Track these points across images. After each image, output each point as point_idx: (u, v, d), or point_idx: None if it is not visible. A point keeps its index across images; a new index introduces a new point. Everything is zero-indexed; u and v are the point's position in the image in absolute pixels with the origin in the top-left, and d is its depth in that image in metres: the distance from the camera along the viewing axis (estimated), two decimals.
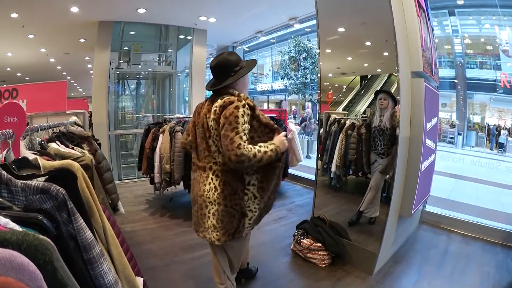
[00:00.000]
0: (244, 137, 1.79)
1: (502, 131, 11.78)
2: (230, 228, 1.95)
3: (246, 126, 1.84)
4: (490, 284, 2.90)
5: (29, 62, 9.87)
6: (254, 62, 2.11)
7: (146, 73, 7.95)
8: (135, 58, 7.34)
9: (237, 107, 1.82)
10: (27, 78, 12.06)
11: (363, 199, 3.18)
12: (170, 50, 7.84)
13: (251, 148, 1.78)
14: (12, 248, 0.71)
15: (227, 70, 1.98)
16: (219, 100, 1.91)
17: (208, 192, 1.95)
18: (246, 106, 1.87)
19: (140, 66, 7.54)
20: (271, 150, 1.86)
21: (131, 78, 7.97)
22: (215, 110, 1.88)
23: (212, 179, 1.96)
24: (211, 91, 2.10)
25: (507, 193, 6.22)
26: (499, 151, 11.52)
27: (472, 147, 12.07)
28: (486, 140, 12.19)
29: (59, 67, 11.41)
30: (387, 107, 3.06)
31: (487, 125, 12.30)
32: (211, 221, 1.96)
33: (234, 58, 2.01)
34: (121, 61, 7.27)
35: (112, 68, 6.86)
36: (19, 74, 11.77)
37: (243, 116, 1.82)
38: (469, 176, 7.34)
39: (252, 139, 1.93)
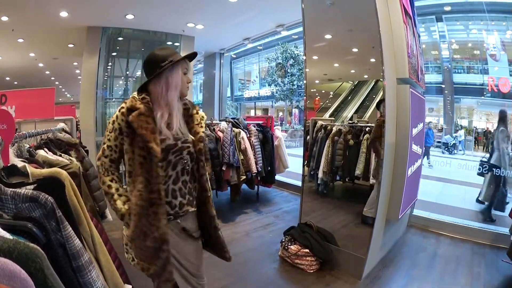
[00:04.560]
0: (106, 150, 1.57)
1: (460, 132, 12.15)
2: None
3: (111, 135, 1.56)
4: (481, 284, 2.94)
5: (18, 66, 9.81)
6: (188, 55, 1.67)
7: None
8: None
9: (115, 112, 1.57)
10: (16, 83, 11.98)
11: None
12: None
13: (106, 173, 1.58)
14: (4, 256, 0.74)
15: (153, 68, 1.59)
16: None
17: None
18: (123, 109, 1.55)
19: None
20: (116, 203, 1.54)
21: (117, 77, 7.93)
22: None
23: None
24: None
25: None
26: (449, 152, 11.90)
27: (460, 150, 12.21)
28: (474, 143, 12.39)
29: (47, 72, 11.34)
30: None
31: (474, 128, 12.50)
32: None
33: (163, 53, 1.60)
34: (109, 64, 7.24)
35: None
36: (8, 78, 11.68)
37: (113, 123, 1.55)
38: (456, 180, 7.43)
39: (126, 153, 1.57)
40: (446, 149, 11.93)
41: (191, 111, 1.72)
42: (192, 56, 1.68)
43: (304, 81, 3.56)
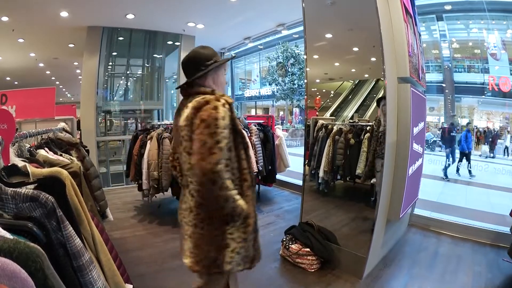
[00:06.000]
0: (224, 152, 1.42)
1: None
2: (206, 258, 1.53)
3: (226, 133, 1.44)
4: (482, 283, 2.93)
5: (19, 66, 9.84)
6: (229, 58, 1.86)
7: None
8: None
9: (215, 108, 1.42)
10: (16, 83, 12.00)
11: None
12: (160, 56, 7.81)
13: (228, 182, 1.43)
14: (4, 256, 0.73)
15: (197, 65, 1.59)
16: (188, 104, 1.52)
17: (185, 211, 1.61)
18: (226, 105, 1.48)
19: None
20: (239, 203, 1.48)
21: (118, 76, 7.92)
22: (187, 116, 1.48)
23: (188, 198, 1.58)
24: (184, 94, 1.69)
25: (495, 194, 6.30)
26: (430, 150, 11.71)
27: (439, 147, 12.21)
28: (475, 142, 12.38)
29: (48, 72, 11.37)
30: None
31: (475, 127, 12.49)
32: (188, 244, 1.59)
33: (208, 52, 1.63)
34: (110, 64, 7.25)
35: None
36: (8, 79, 11.70)
37: (223, 119, 1.42)
38: (457, 179, 7.42)
39: (230, 151, 1.52)
40: (427, 146, 11.85)
41: None
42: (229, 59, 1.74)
43: (305, 80, 3.56)
